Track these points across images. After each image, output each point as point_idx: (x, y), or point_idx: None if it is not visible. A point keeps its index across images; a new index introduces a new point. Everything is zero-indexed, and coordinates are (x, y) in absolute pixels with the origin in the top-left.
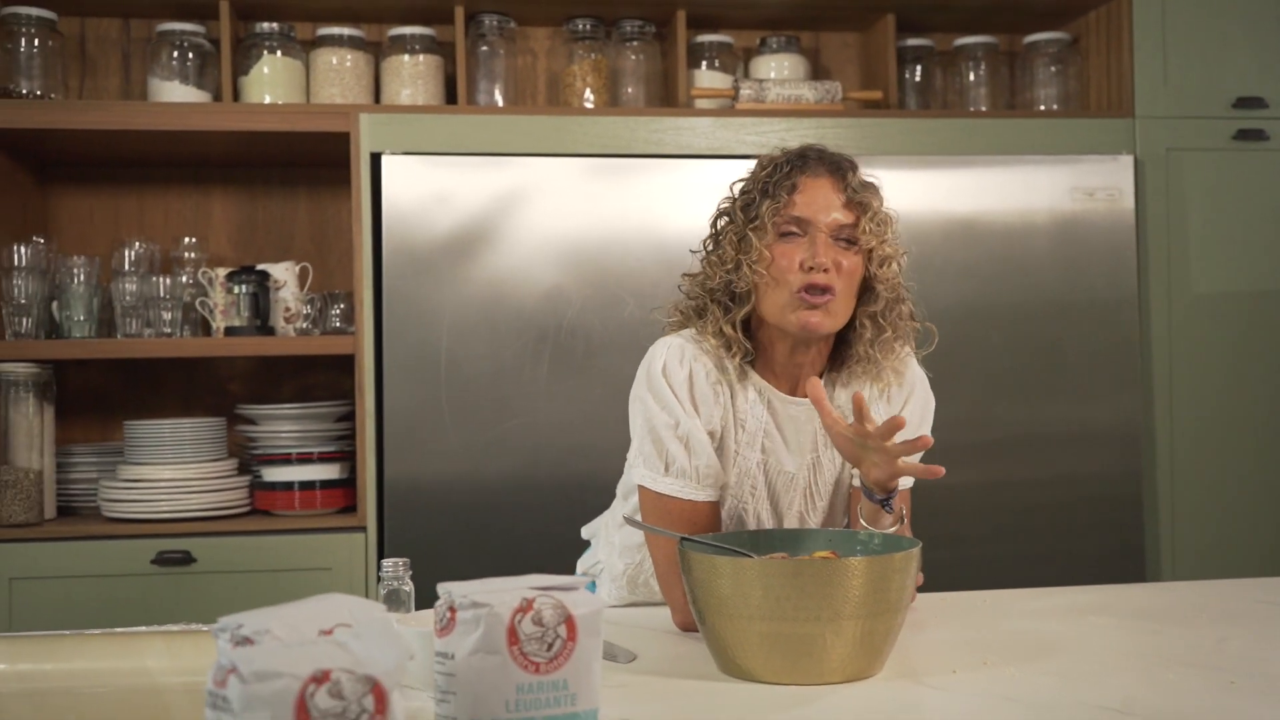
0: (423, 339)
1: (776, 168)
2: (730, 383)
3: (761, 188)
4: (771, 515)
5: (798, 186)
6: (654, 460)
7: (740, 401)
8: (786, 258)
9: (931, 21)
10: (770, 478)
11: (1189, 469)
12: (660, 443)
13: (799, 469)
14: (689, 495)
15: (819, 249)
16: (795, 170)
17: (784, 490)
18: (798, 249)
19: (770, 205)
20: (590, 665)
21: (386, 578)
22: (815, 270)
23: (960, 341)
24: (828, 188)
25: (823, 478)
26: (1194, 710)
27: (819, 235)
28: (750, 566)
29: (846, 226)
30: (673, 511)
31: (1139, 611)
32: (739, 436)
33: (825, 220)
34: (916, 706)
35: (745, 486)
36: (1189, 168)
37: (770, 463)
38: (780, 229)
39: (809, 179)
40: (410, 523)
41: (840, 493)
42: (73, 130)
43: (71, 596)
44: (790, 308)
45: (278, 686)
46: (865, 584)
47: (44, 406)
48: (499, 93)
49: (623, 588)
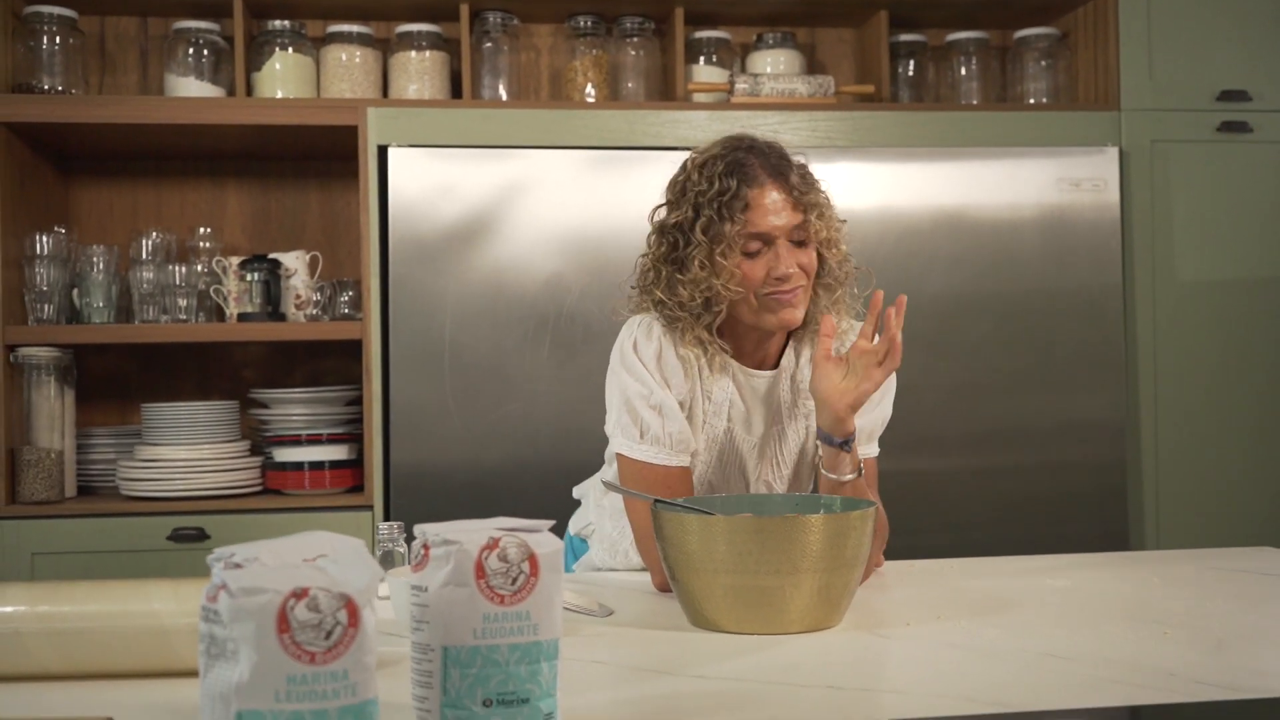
0: (427, 325)
1: (722, 182)
2: (698, 358)
3: (715, 209)
4: (739, 481)
5: (749, 203)
6: (630, 429)
7: (707, 375)
8: (756, 272)
9: (924, 17)
10: (737, 445)
11: (1174, 457)
12: (635, 412)
13: (764, 437)
14: (663, 460)
15: (782, 260)
16: (742, 184)
17: (750, 456)
18: (763, 262)
19: (731, 228)
20: (551, 599)
21: (383, 539)
22: (782, 279)
23: (948, 331)
24: (776, 196)
25: (787, 446)
26: (1124, 654)
27: (779, 244)
28: (716, 524)
29: (798, 228)
30: (648, 476)
31: (1095, 575)
32: (706, 407)
33: (780, 227)
34: (867, 653)
35: (714, 454)
36: (1173, 159)
37: (737, 431)
38: (745, 249)
39: (757, 191)
40: (415, 502)
41: (805, 462)
42: (93, 124)
43: (90, 571)
44: (765, 309)
45: (262, 600)
46: (823, 540)
47: (65, 389)
48: (503, 88)
49: (606, 552)
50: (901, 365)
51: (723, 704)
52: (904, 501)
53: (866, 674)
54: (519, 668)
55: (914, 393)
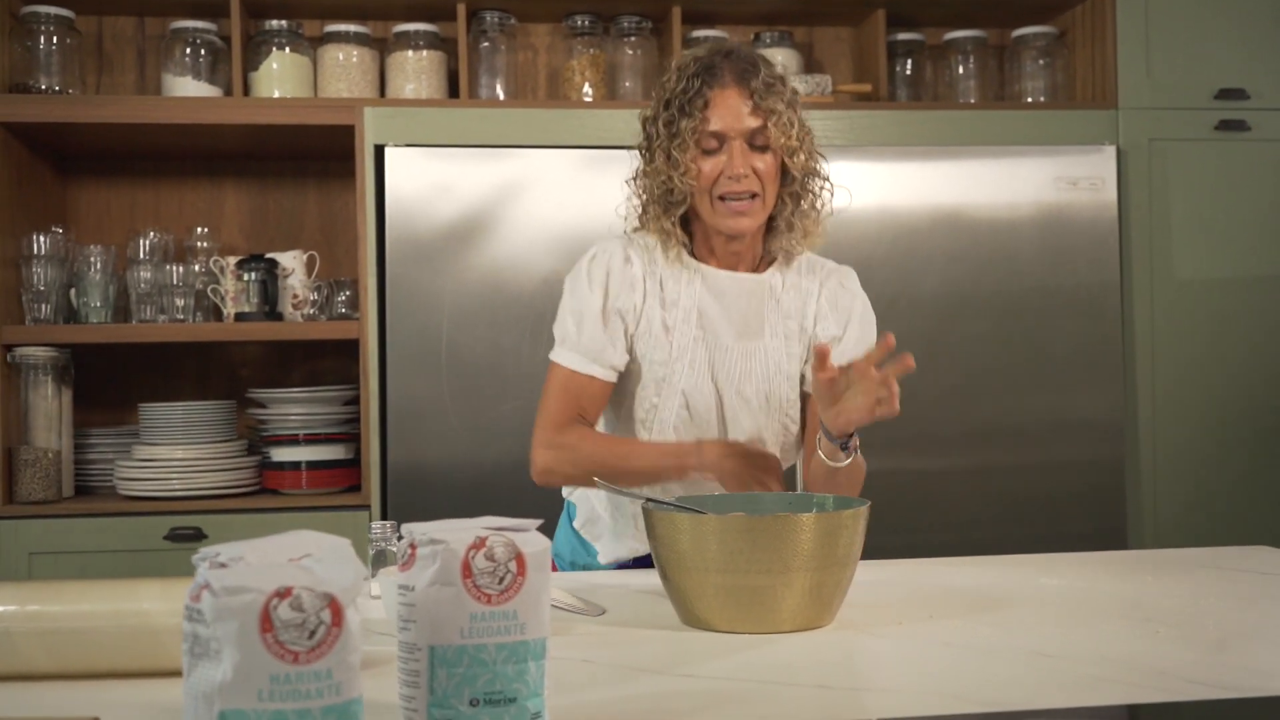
0: (425, 324)
1: (689, 81)
2: (660, 272)
3: (679, 106)
4: (713, 393)
5: (709, 102)
6: (557, 333)
7: (671, 285)
8: (709, 169)
9: (922, 16)
10: (710, 353)
11: (1172, 456)
12: (563, 323)
13: (737, 345)
14: (574, 365)
15: (735, 160)
16: (705, 85)
17: (722, 365)
18: (718, 161)
19: (688, 123)
20: (539, 599)
21: (376, 539)
22: (734, 179)
23: (945, 329)
24: (735, 97)
25: (762, 359)
26: (1118, 653)
27: (734, 145)
28: (707, 523)
29: (757, 132)
30: (560, 378)
31: (1090, 574)
32: (674, 315)
33: (738, 129)
34: (858, 651)
35: (684, 362)
36: (1171, 158)
37: (708, 339)
38: (701, 145)
39: (718, 92)
40: (412, 502)
41: (783, 380)
42: (90, 124)
43: (88, 570)
44: (719, 214)
45: (245, 599)
46: (815, 539)
47: (62, 389)
48: (500, 87)
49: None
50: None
51: (713, 703)
52: (901, 500)
53: (858, 673)
54: (506, 667)
55: (911, 391)
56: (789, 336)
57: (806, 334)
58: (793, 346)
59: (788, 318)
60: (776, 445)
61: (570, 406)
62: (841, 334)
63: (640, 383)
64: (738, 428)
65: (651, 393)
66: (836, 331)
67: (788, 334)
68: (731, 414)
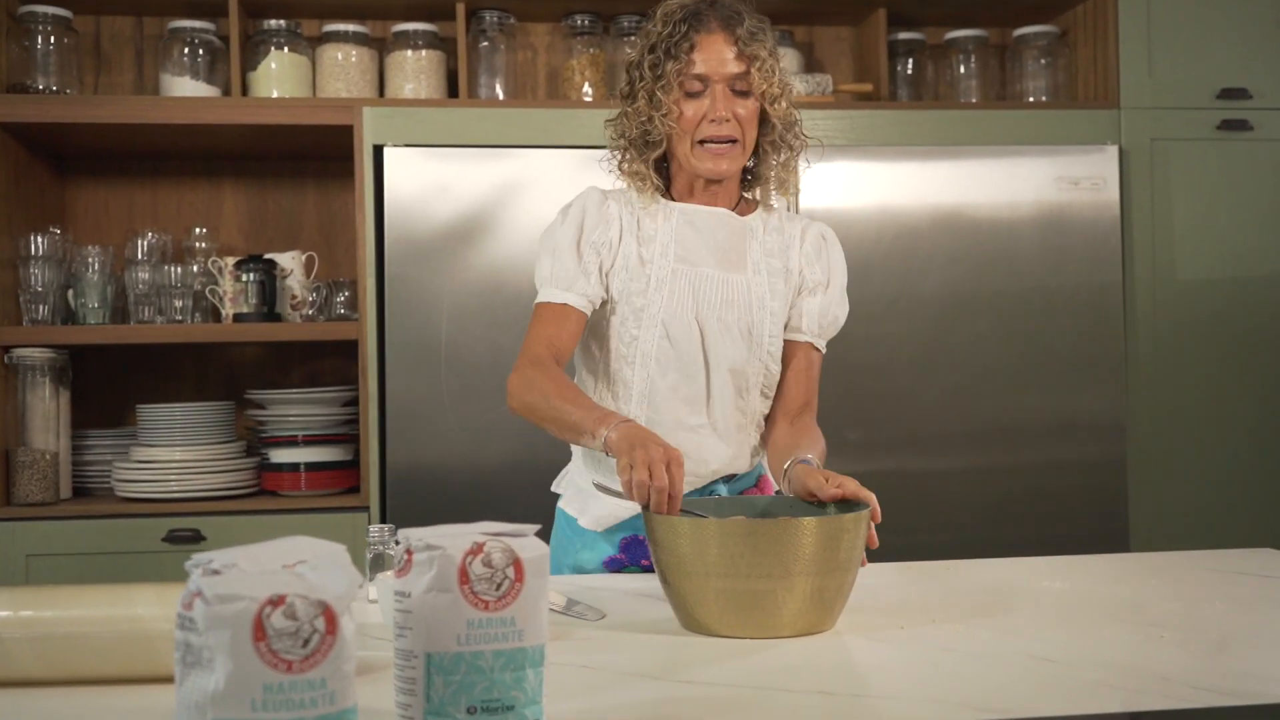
0: (423, 325)
1: (675, 26)
2: (637, 213)
3: (665, 48)
4: (693, 322)
5: (695, 45)
6: (536, 274)
7: (648, 222)
8: (691, 112)
9: (923, 15)
10: (690, 283)
11: (1172, 457)
12: (539, 265)
13: (718, 274)
14: (549, 297)
15: (718, 104)
16: (691, 29)
17: (704, 294)
18: (700, 104)
19: (673, 65)
20: (537, 605)
21: (374, 542)
22: (716, 122)
23: (946, 329)
24: (720, 43)
25: (750, 294)
26: (1120, 658)
27: (716, 89)
28: (708, 527)
29: (739, 77)
30: (538, 313)
31: (1092, 577)
32: (651, 249)
33: (721, 74)
34: (860, 657)
35: (663, 292)
36: (1173, 157)
37: (687, 269)
38: (685, 88)
39: (704, 36)
40: (411, 503)
41: (765, 315)
42: (88, 124)
43: (85, 573)
44: (698, 157)
45: (238, 608)
46: (816, 543)
47: (60, 390)
48: (499, 87)
49: (586, 470)
50: (899, 365)
51: (713, 709)
52: (900, 500)
53: (860, 679)
54: (504, 674)
55: (911, 391)
56: (772, 274)
57: (792, 276)
58: (776, 284)
59: (770, 255)
60: (757, 385)
61: (543, 337)
62: (826, 283)
63: (619, 316)
64: (719, 358)
65: (631, 324)
66: (821, 279)
67: (770, 271)
68: (713, 343)
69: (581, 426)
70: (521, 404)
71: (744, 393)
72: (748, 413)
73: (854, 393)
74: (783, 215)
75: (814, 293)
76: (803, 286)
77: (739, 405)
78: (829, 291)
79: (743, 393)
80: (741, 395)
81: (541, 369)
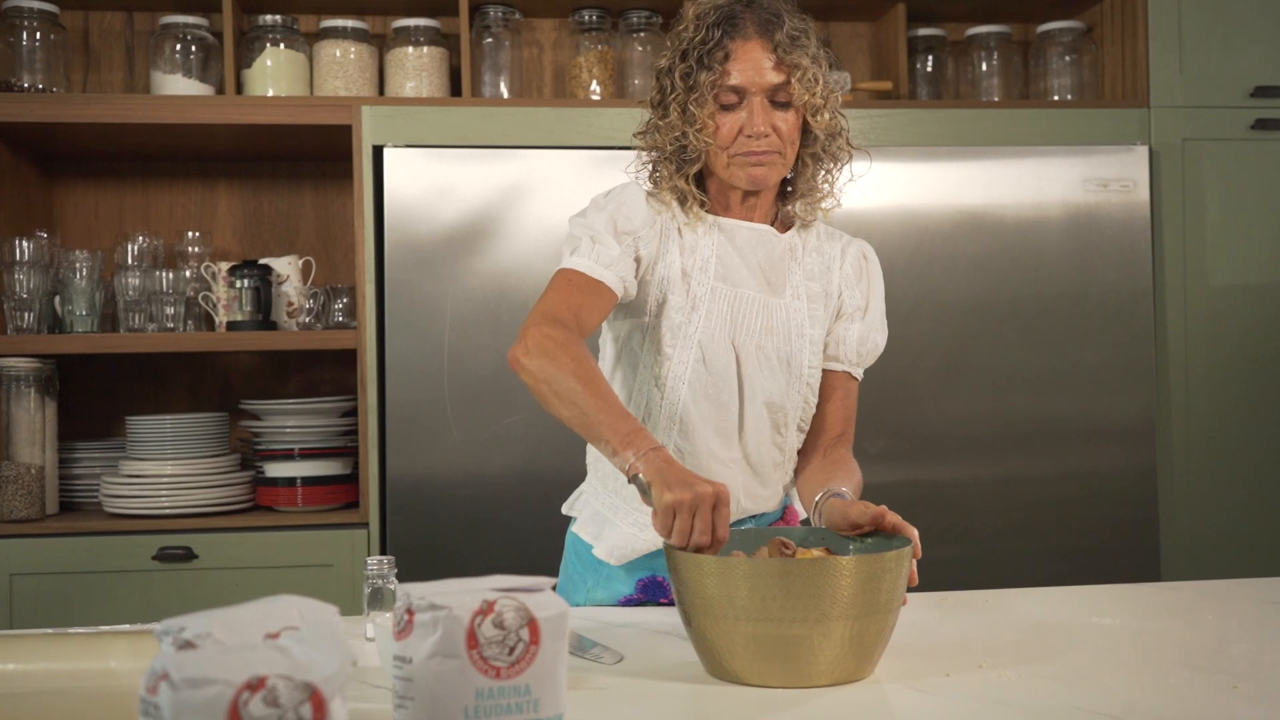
0: (426, 333)
1: (708, 31)
2: (678, 222)
3: (697, 57)
4: (729, 347)
5: (730, 54)
6: (564, 250)
7: (689, 234)
8: (727, 126)
9: (943, 11)
10: (730, 305)
11: (1204, 465)
12: (572, 238)
13: (759, 298)
14: (586, 270)
15: (756, 117)
16: (725, 35)
17: (742, 318)
18: (737, 117)
19: (707, 77)
20: (555, 670)
21: (371, 575)
22: (754, 137)
23: (971, 336)
24: (758, 50)
25: (789, 321)
26: (1196, 715)
27: (754, 101)
28: (737, 566)
29: (779, 88)
30: (569, 276)
31: (1141, 612)
32: (692, 261)
33: (759, 84)
34: (907, 711)
35: (701, 311)
36: (1205, 158)
37: (727, 289)
38: (720, 100)
39: (740, 44)
40: (413, 519)
41: (803, 342)
42: (76, 124)
43: (72, 593)
44: (737, 166)
45: (210, 694)
46: (854, 584)
47: (46, 401)
48: (504, 85)
49: (603, 494)
50: (923, 372)
51: None
52: (926, 511)
53: None
54: None
55: (935, 401)
56: (812, 299)
57: (831, 300)
58: (816, 309)
59: (810, 279)
60: (795, 420)
61: (569, 304)
62: (865, 307)
63: (652, 329)
64: (755, 389)
65: (666, 341)
66: (860, 303)
67: (810, 295)
68: (750, 372)
69: (602, 434)
70: (536, 366)
71: (781, 428)
72: (785, 449)
73: (874, 402)
74: (821, 232)
75: (853, 318)
76: (841, 311)
77: (775, 441)
78: (868, 317)
79: (780, 428)
80: (779, 431)
81: (566, 335)
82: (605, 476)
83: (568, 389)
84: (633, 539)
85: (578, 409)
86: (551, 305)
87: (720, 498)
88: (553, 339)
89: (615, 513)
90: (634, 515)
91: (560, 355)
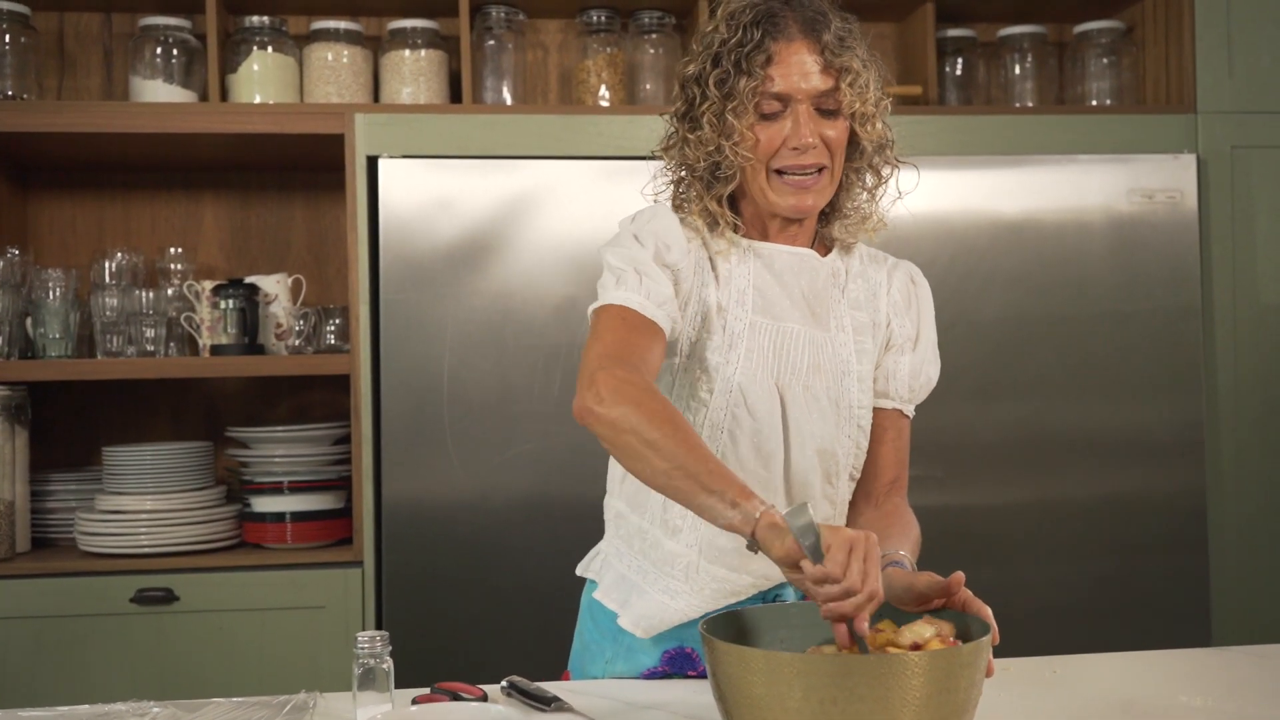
0: (424, 356)
1: (745, 32)
2: (710, 249)
3: (734, 61)
4: (773, 389)
5: (772, 58)
6: (607, 284)
7: (722, 263)
8: (768, 138)
9: (973, 10)
10: (772, 340)
11: (1255, 487)
12: (614, 269)
13: (804, 332)
14: (636, 305)
15: (801, 127)
16: (767, 36)
17: (787, 355)
18: (779, 128)
19: (748, 83)
20: None
21: (362, 655)
22: (799, 150)
23: (1010, 353)
24: (803, 52)
25: (837, 357)
26: None
27: (800, 109)
28: (788, 664)
29: (827, 94)
30: (621, 313)
31: (1236, 689)
32: (727, 294)
33: (805, 90)
34: None
35: (739, 350)
36: (1256, 167)
37: (767, 325)
38: (760, 109)
39: (783, 45)
40: (410, 556)
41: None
42: (51, 133)
43: (43, 638)
44: (775, 190)
45: None
46: (927, 684)
47: (17, 431)
48: (507, 90)
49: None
50: (958, 393)
51: None
52: (964, 538)
53: None
54: None
55: (973, 423)
56: (859, 330)
57: (880, 330)
58: (864, 343)
59: (856, 309)
60: (847, 468)
61: (631, 344)
62: (915, 337)
63: (688, 374)
64: (803, 435)
65: (702, 385)
66: (910, 333)
67: (857, 327)
68: (796, 416)
69: (711, 486)
70: (618, 416)
71: (833, 478)
72: (836, 502)
73: None
74: (864, 255)
75: (903, 350)
76: (890, 342)
77: (827, 493)
78: (919, 347)
79: (831, 478)
80: (830, 481)
81: (644, 379)
82: (630, 536)
83: (659, 439)
84: (664, 608)
85: (674, 461)
86: (612, 347)
87: (871, 549)
88: (632, 384)
89: (644, 578)
90: (665, 581)
91: (646, 401)
